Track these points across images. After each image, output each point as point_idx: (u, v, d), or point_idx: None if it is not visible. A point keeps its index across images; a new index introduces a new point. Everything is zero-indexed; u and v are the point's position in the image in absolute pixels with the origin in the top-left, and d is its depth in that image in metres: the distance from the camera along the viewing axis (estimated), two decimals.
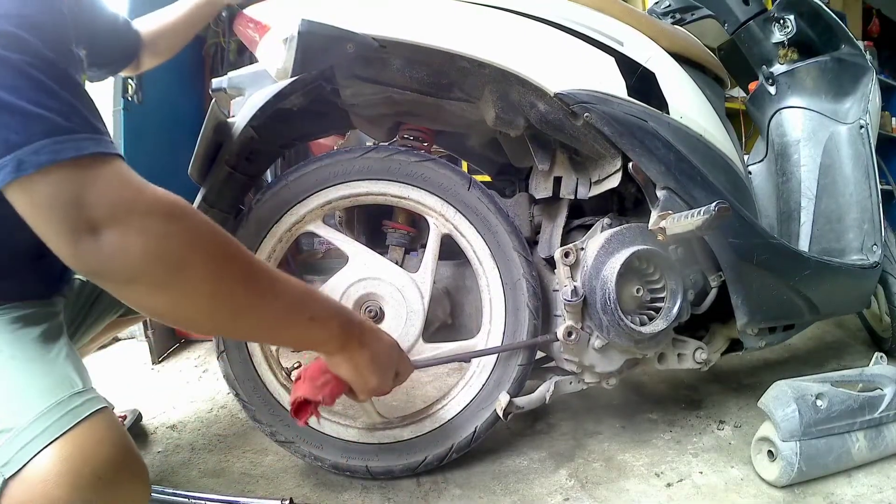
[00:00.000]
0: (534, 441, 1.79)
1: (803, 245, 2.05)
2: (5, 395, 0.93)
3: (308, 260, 3.46)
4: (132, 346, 2.83)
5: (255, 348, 1.57)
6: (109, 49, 1.52)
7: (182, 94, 3.15)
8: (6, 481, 0.85)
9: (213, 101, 1.47)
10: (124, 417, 1.90)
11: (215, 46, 3.27)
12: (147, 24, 1.64)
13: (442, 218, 1.57)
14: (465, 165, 2.85)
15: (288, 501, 1.43)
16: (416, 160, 1.54)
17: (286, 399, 1.58)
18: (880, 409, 1.56)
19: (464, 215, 1.56)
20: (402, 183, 1.54)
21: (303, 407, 1.15)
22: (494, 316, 1.61)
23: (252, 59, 3.20)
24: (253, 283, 0.88)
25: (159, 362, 2.76)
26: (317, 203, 1.54)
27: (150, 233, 0.76)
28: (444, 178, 1.55)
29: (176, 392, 2.37)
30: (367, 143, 2.86)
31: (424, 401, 2.15)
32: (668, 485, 1.52)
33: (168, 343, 2.90)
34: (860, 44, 2.10)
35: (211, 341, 3.01)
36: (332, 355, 1.08)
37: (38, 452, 0.85)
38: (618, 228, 1.54)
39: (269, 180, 1.71)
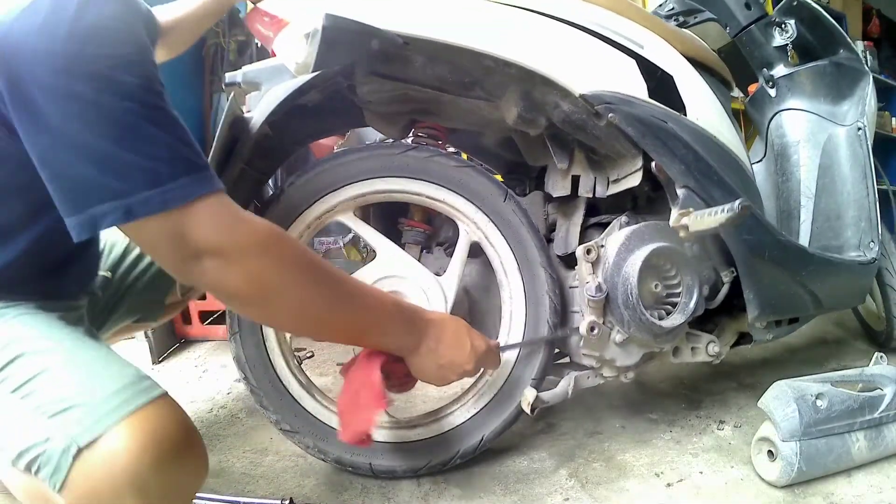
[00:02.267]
0: (534, 441, 1.80)
1: (803, 242, 2.11)
2: (79, 377, 0.94)
3: None
4: (132, 345, 2.78)
5: (269, 333, 1.55)
6: None
7: (181, 94, 3.12)
8: (80, 451, 0.86)
9: (232, 96, 1.46)
10: None
11: (215, 46, 3.26)
12: (160, 17, 1.61)
13: (473, 225, 1.58)
14: None
15: (288, 501, 1.42)
16: (455, 164, 1.55)
17: (295, 387, 1.57)
18: (880, 409, 1.58)
19: (495, 225, 1.57)
20: (439, 185, 1.55)
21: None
22: (513, 328, 1.62)
23: (253, 60, 3.23)
24: (336, 305, 1.03)
25: (159, 362, 2.72)
26: (350, 194, 1.54)
27: (245, 264, 0.89)
28: (481, 186, 1.56)
29: (176, 392, 2.27)
30: (367, 143, 2.89)
31: (424, 400, 2.16)
32: (668, 485, 1.53)
33: (168, 343, 2.86)
34: (860, 45, 2.15)
35: (211, 341, 3.02)
36: (406, 357, 1.24)
37: (116, 424, 0.88)
38: (637, 226, 1.56)
39: (271, 186, 1.69)
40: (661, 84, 1.54)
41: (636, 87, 1.47)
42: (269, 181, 2.29)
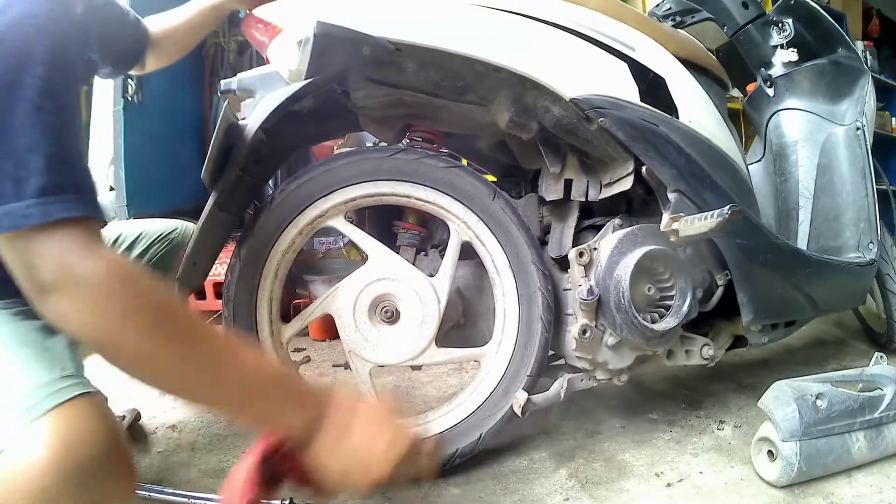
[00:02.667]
0: (534, 441, 1.80)
1: (802, 243, 2.11)
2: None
3: (308, 260, 3.46)
4: None
5: (266, 339, 1.56)
6: (119, 46, 1.50)
7: (182, 95, 3.15)
8: None
9: (226, 103, 1.46)
10: (123, 417, 1.89)
11: (215, 47, 3.27)
12: (154, 25, 1.63)
13: (464, 225, 1.58)
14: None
15: (288, 501, 1.42)
16: (444, 166, 1.55)
17: None
18: (880, 409, 1.57)
19: (486, 224, 1.58)
20: (429, 187, 1.55)
21: None
22: (507, 326, 1.62)
23: (252, 61, 3.23)
24: (192, 360, 0.85)
25: None
26: (341, 199, 1.55)
27: (86, 303, 0.78)
28: (471, 186, 1.56)
29: None
30: (367, 144, 2.89)
31: (424, 400, 2.17)
32: (668, 485, 1.53)
33: None
34: (860, 45, 2.15)
35: None
36: (306, 443, 0.95)
37: (24, 430, 0.82)
38: (629, 229, 1.57)
39: (271, 190, 1.69)
40: (653, 87, 1.54)
41: (627, 91, 1.48)
42: (270, 182, 2.31)
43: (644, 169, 1.46)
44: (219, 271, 2.48)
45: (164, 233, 1.68)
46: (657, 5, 2.31)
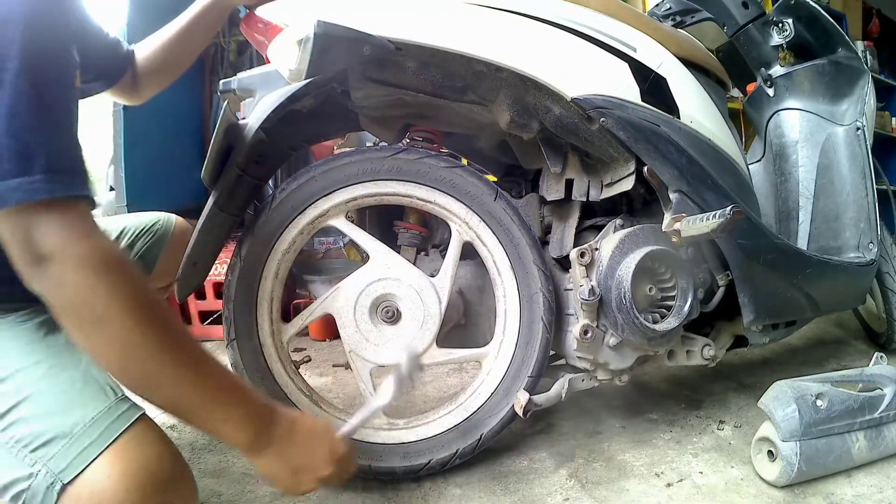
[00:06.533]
0: (534, 441, 1.80)
1: (802, 243, 2.11)
2: (58, 404, 0.94)
3: (307, 260, 3.45)
4: None
5: (266, 339, 1.56)
6: (97, 58, 1.47)
7: (182, 94, 3.14)
8: (64, 487, 0.87)
9: (226, 103, 1.46)
10: None
11: (215, 47, 3.26)
12: (149, 43, 1.61)
13: (465, 225, 1.58)
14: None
15: None
16: (445, 166, 1.55)
17: (293, 391, 1.58)
18: (880, 409, 1.57)
19: (487, 225, 1.58)
20: (430, 187, 1.55)
21: None
22: (508, 327, 1.62)
23: (252, 61, 3.23)
24: (165, 356, 0.88)
25: None
26: (342, 199, 1.54)
27: (77, 280, 0.81)
28: (472, 187, 1.56)
29: None
30: (368, 144, 2.90)
31: (424, 401, 2.16)
32: (668, 485, 1.53)
33: None
34: (860, 45, 2.15)
35: (211, 341, 3.04)
36: (250, 456, 1.03)
37: (98, 457, 0.87)
38: (631, 229, 1.57)
39: (271, 189, 1.68)
40: (654, 87, 1.54)
41: (628, 91, 1.48)
42: (270, 182, 2.31)
43: (645, 169, 1.46)
44: (219, 271, 2.52)
45: (147, 226, 1.69)
46: (657, 5, 2.31)
